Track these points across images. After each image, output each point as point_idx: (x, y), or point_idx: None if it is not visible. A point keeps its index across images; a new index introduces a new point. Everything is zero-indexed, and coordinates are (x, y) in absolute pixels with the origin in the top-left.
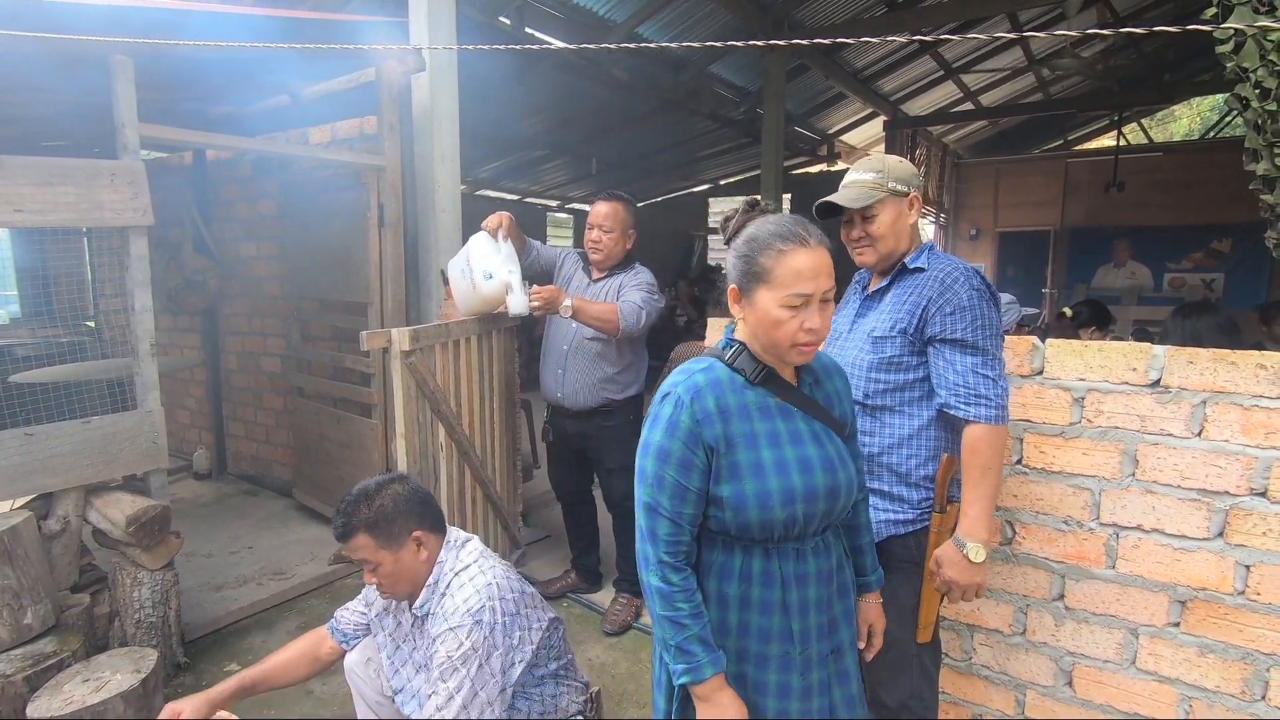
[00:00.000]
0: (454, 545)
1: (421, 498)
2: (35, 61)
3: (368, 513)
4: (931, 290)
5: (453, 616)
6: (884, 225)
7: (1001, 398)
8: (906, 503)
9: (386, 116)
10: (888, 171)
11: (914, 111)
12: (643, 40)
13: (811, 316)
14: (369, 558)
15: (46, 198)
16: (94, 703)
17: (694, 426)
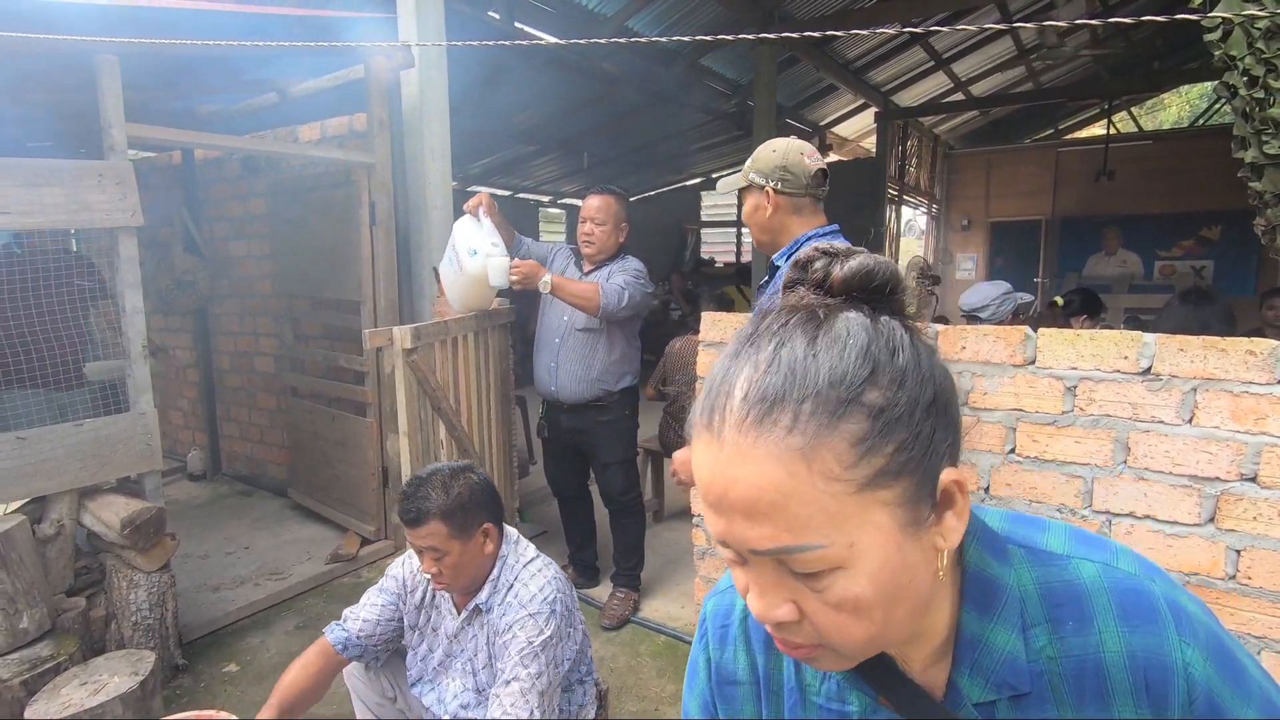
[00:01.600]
0: (511, 541)
1: (491, 489)
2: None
3: (444, 499)
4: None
5: (531, 604)
6: (745, 214)
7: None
8: None
9: (376, 113)
10: (754, 161)
11: (905, 102)
12: (633, 33)
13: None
14: (438, 545)
15: (33, 199)
16: (92, 706)
17: (709, 688)
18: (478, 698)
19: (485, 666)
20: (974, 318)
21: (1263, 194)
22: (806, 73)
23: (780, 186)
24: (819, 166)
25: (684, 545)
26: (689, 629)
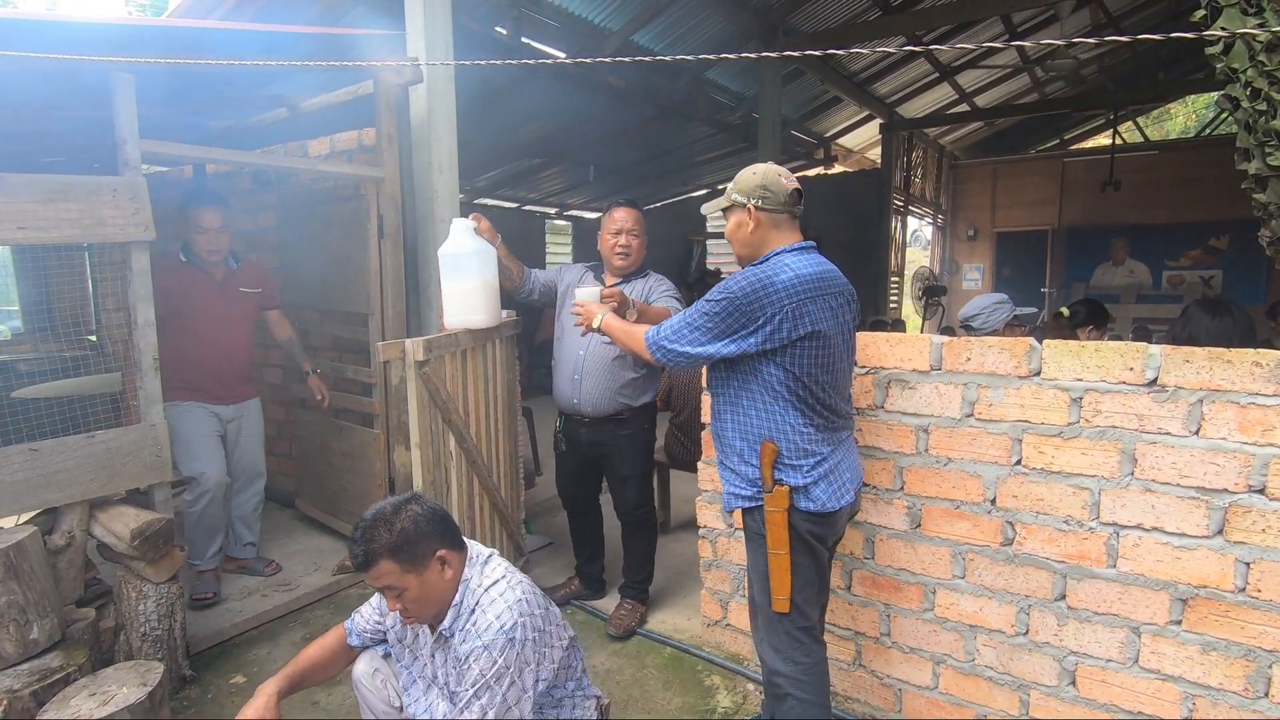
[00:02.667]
0: (477, 561)
1: (440, 515)
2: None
3: (389, 537)
4: None
5: (485, 633)
6: (729, 232)
7: (664, 338)
8: (745, 479)
9: (384, 128)
10: (736, 183)
11: (910, 114)
12: (639, 47)
13: None
14: (394, 583)
15: (49, 214)
16: (101, 717)
17: None
18: None
19: (458, 689)
20: (968, 327)
21: (1267, 205)
22: (811, 85)
23: (761, 204)
24: (794, 186)
25: (690, 557)
26: (696, 641)
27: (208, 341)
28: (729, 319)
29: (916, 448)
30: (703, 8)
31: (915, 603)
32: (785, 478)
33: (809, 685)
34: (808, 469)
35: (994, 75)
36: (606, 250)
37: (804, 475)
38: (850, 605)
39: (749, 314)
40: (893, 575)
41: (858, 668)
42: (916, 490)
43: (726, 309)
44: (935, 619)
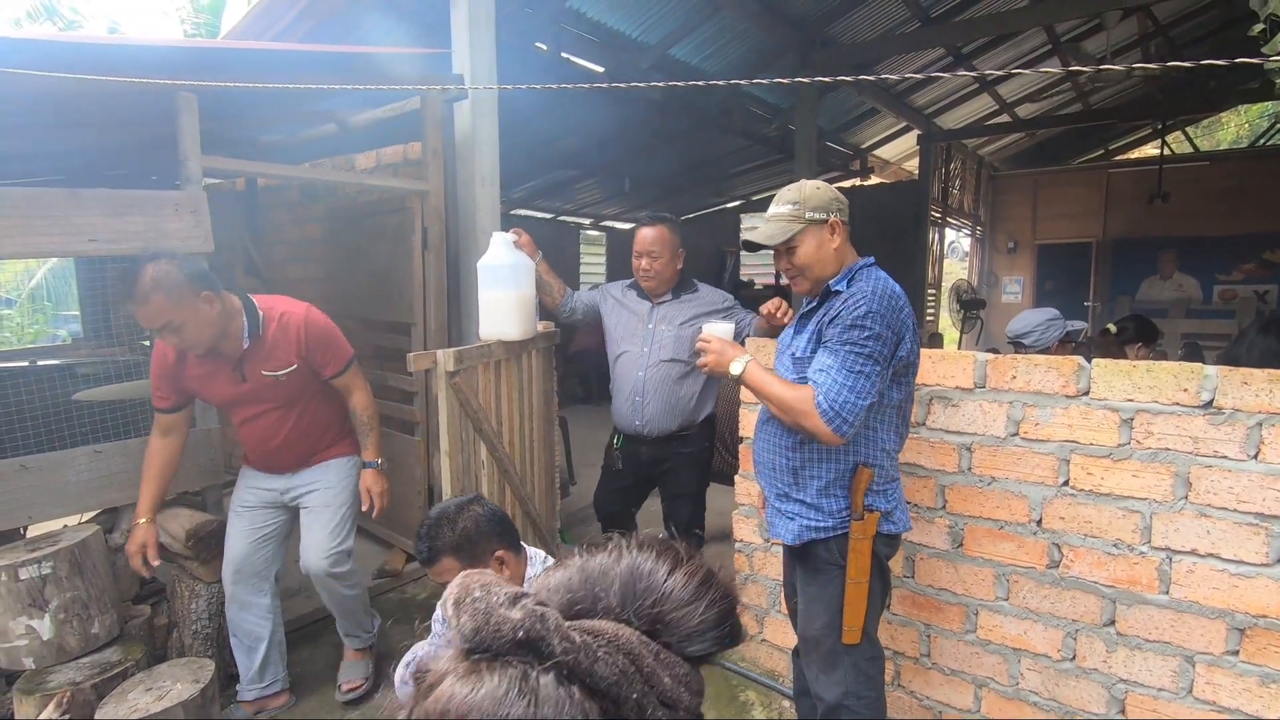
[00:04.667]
0: (536, 560)
1: (500, 517)
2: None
3: (451, 535)
4: (833, 314)
5: None
6: (807, 255)
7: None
8: (825, 511)
9: (430, 143)
10: (804, 201)
11: (949, 125)
12: (676, 61)
13: None
14: None
15: (117, 227)
16: (157, 711)
17: None
18: None
19: None
20: (1019, 344)
21: None
22: (848, 97)
23: (841, 216)
24: None
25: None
26: (729, 655)
27: (249, 428)
28: (885, 347)
29: (959, 466)
30: (740, 21)
31: (957, 624)
32: (875, 503)
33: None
34: (891, 492)
35: (1036, 85)
36: (635, 272)
37: (888, 499)
38: (889, 624)
39: (896, 336)
40: (933, 595)
41: (896, 688)
42: (959, 509)
43: (884, 338)
44: (978, 641)
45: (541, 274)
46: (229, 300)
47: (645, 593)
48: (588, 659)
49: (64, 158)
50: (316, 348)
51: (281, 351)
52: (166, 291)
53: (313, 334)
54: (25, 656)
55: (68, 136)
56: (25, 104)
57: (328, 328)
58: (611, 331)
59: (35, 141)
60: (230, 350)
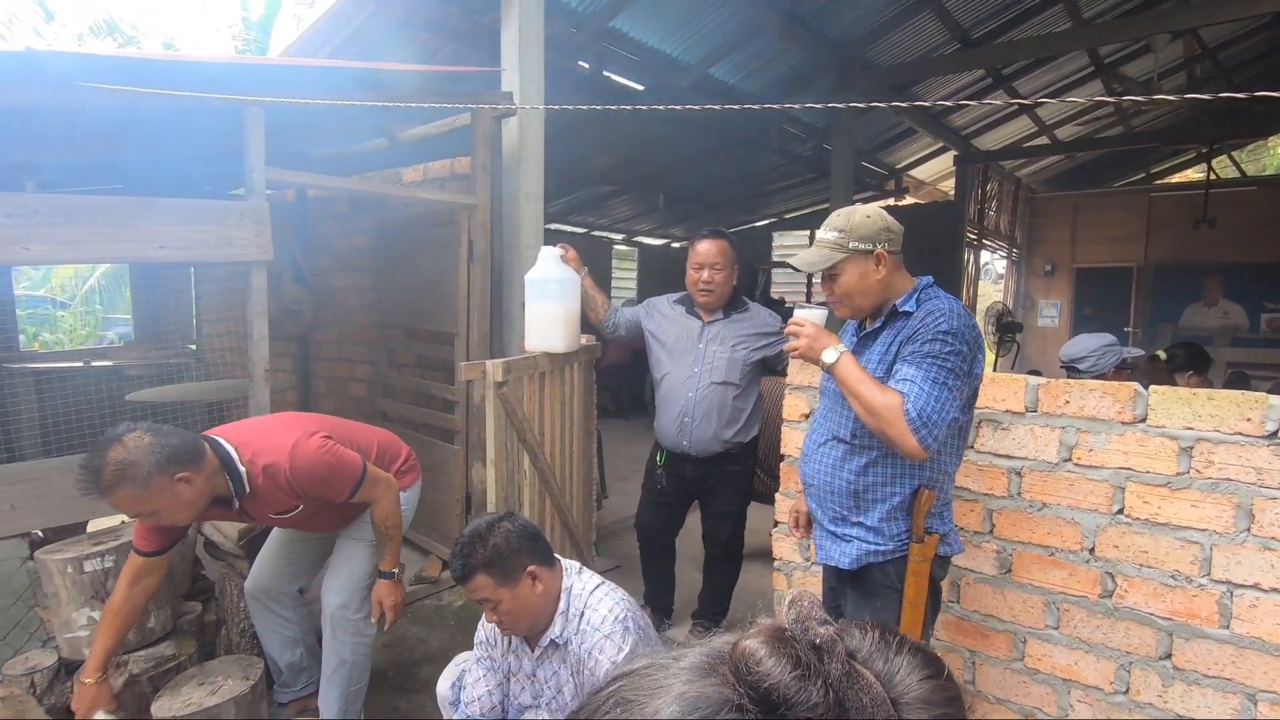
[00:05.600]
0: (572, 571)
1: (531, 533)
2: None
3: (484, 553)
4: (909, 332)
5: (603, 626)
6: (848, 284)
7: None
8: (885, 535)
9: (479, 158)
10: (851, 230)
11: (986, 146)
12: (715, 80)
13: None
14: (489, 596)
15: (186, 235)
16: (210, 705)
17: None
18: None
19: (572, 699)
20: (1072, 369)
21: None
22: (884, 117)
23: (889, 247)
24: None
25: (759, 589)
26: None
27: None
28: (965, 364)
29: (1008, 490)
30: (779, 42)
31: (1003, 651)
32: (933, 525)
33: None
34: (947, 515)
35: (1077, 108)
36: (690, 285)
37: (945, 522)
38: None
39: (972, 355)
40: (979, 621)
41: None
42: (1007, 534)
43: (964, 355)
44: (1025, 670)
45: (586, 288)
46: (209, 464)
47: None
48: (853, 690)
49: (111, 168)
50: (313, 489)
51: (278, 500)
52: (133, 482)
53: (303, 480)
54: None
55: (122, 148)
56: (93, 116)
57: (319, 465)
58: (658, 348)
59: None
60: (223, 499)
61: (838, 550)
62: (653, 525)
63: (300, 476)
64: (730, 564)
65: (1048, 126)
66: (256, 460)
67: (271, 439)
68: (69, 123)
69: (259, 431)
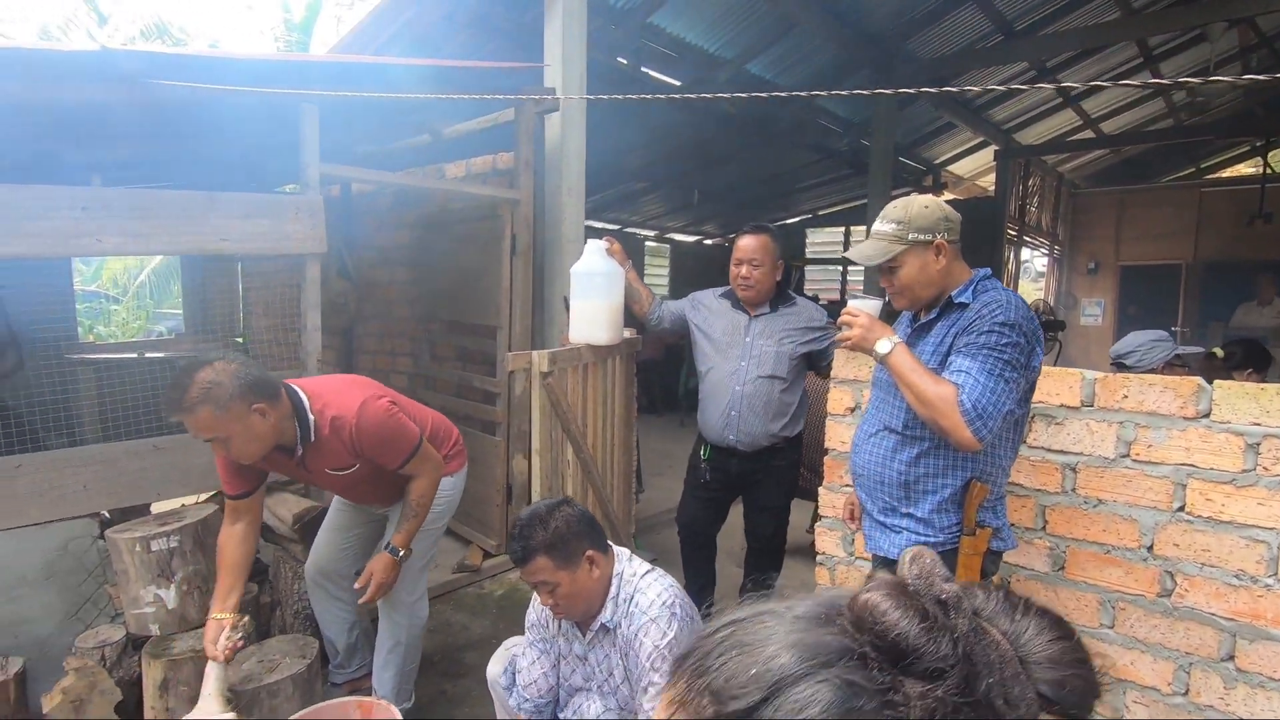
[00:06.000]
0: (623, 558)
1: (589, 519)
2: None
3: (545, 536)
4: (965, 324)
5: (650, 609)
6: (908, 276)
7: (982, 404)
8: (936, 527)
9: (523, 153)
10: (910, 221)
11: (1028, 140)
12: (751, 76)
13: None
14: (548, 579)
15: (247, 229)
16: (269, 681)
17: None
18: (619, 713)
19: (623, 682)
20: (1121, 365)
21: None
22: (924, 111)
23: (949, 236)
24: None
25: (797, 584)
26: None
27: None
28: (1023, 356)
29: (1062, 486)
30: (817, 35)
31: None
32: (986, 519)
33: None
34: (1000, 509)
35: (1124, 100)
36: (732, 280)
37: (998, 516)
38: None
39: (1030, 347)
40: None
41: None
42: (1061, 531)
43: (1021, 347)
44: None
45: (630, 282)
46: (283, 405)
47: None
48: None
49: (159, 165)
50: (372, 450)
51: (337, 455)
52: (214, 403)
53: (365, 438)
54: (152, 623)
55: (173, 145)
56: (149, 113)
57: (382, 428)
58: (704, 341)
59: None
60: (289, 445)
61: (887, 541)
62: (696, 519)
63: (363, 435)
64: (773, 557)
65: (1093, 120)
66: (325, 411)
67: (342, 395)
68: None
69: (330, 386)
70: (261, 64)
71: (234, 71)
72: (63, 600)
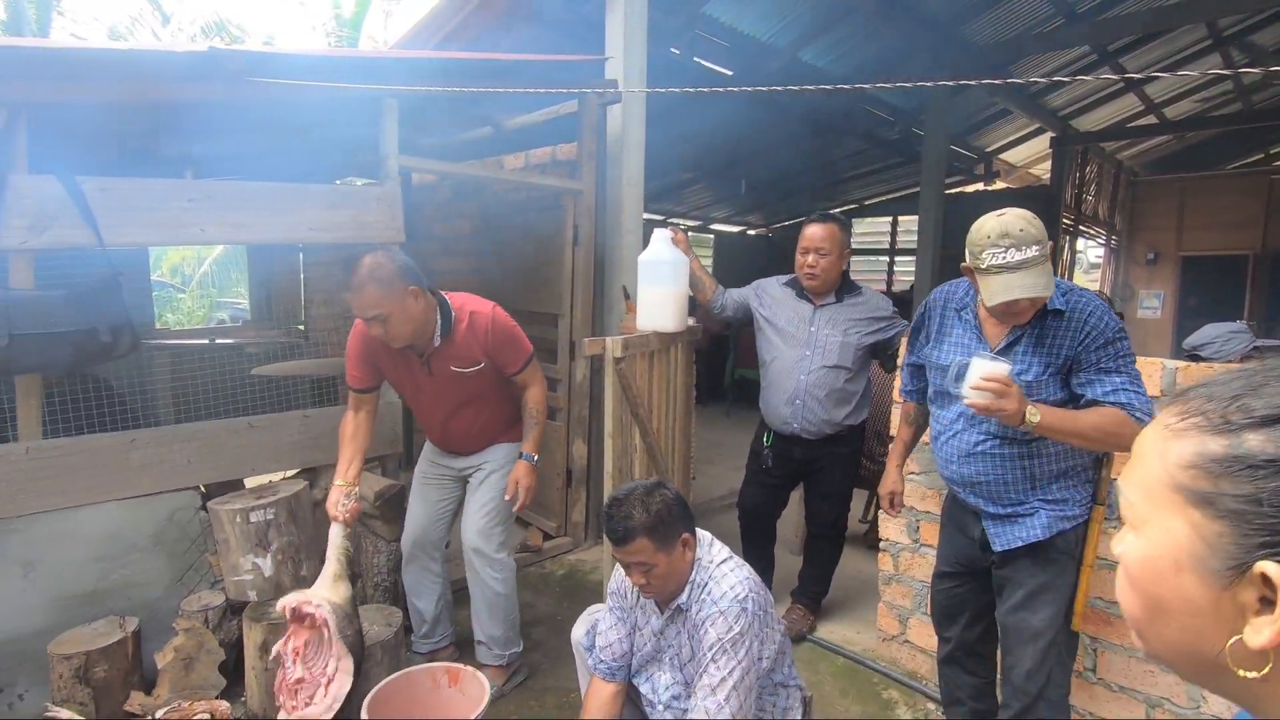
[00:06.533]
0: (704, 542)
1: (683, 501)
2: (308, 105)
3: (645, 517)
4: (1079, 332)
5: (721, 601)
6: (1047, 284)
7: (1149, 406)
8: (1071, 502)
9: (586, 145)
10: (1043, 238)
11: (1086, 127)
12: (804, 64)
13: None
14: (646, 560)
15: (329, 219)
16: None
17: None
18: (685, 689)
19: (690, 660)
20: (1195, 358)
21: None
22: (978, 98)
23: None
24: None
25: (852, 573)
26: (869, 653)
27: (429, 414)
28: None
29: None
30: (872, 22)
31: (1130, 639)
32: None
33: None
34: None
35: (1189, 84)
36: (797, 269)
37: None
38: None
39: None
40: (1103, 608)
41: None
42: None
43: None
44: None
45: (694, 270)
46: (431, 299)
47: None
48: None
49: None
50: (501, 347)
51: (469, 350)
52: (379, 282)
53: (498, 334)
54: (250, 590)
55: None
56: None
57: (512, 327)
58: (769, 329)
59: (227, 144)
60: (422, 345)
61: (1023, 530)
62: (756, 505)
63: (497, 329)
64: (833, 545)
65: (1155, 105)
66: (465, 307)
67: (476, 300)
68: (216, 116)
69: (464, 296)
70: (347, 60)
71: (325, 68)
72: (169, 566)
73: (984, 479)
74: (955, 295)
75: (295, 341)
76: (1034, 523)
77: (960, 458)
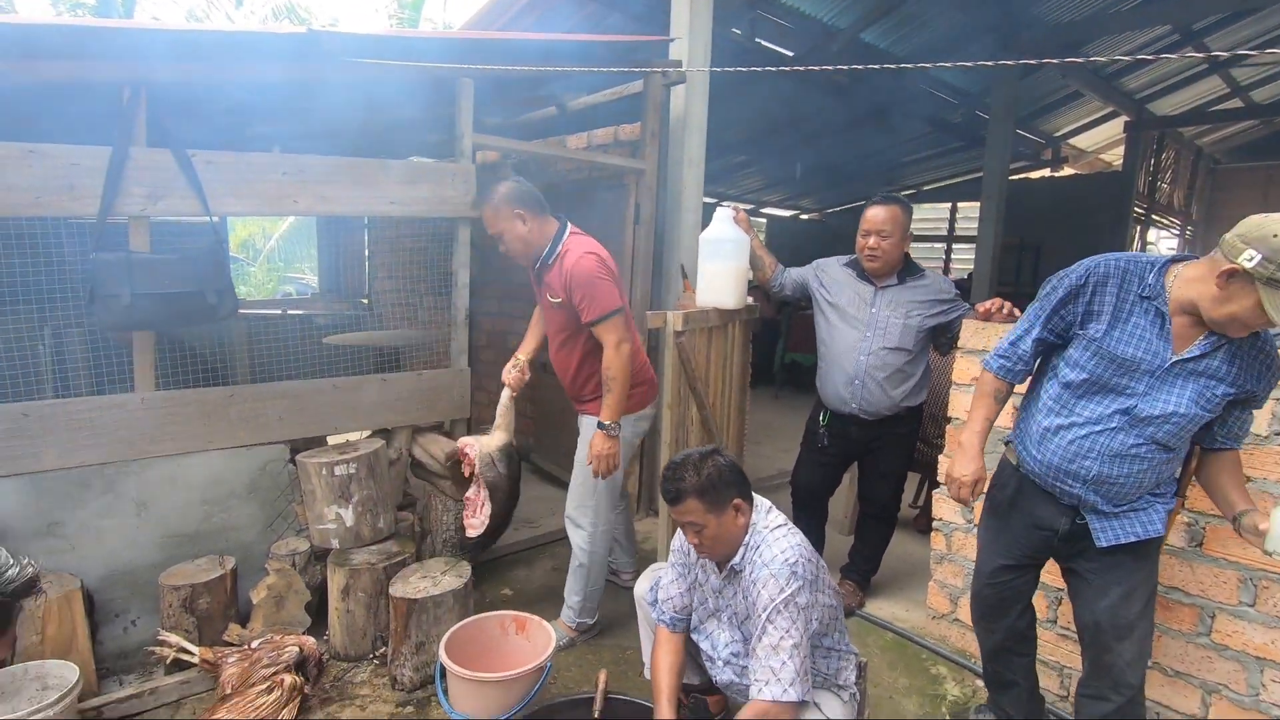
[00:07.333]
0: (760, 508)
1: (738, 468)
2: (389, 84)
3: (697, 480)
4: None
5: (773, 564)
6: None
7: None
8: (1169, 494)
9: (650, 125)
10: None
11: (1163, 110)
12: (865, 45)
13: None
14: (696, 520)
15: (410, 193)
16: (436, 594)
17: None
18: (744, 646)
19: (746, 619)
20: None
21: None
22: (1048, 80)
23: None
24: None
25: (901, 553)
26: (918, 630)
27: (549, 340)
28: None
29: None
30: (936, 2)
31: (1187, 625)
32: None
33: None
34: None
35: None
36: (859, 250)
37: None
38: None
39: None
40: (1162, 594)
41: None
42: (1199, 507)
43: None
44: (1211, 645)
45: (755, 248)
46: (545, 224)
47: None
48: None
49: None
50: (575, 289)
51: (557, 281)
52: (491, 205)
53: (574, 277)
54: (333, 538)
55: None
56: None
57: (590, 275)
58: (829, 309)
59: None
60: (533, 266)
61: (1137, 525)
62: (811, 483)
63: (575, 272)
64: (886, 525)
65: (1242, 88)
66: (567, 246)
67: (586, 242)
68: (302, 94)
69: (582, 238)
70: (432, 41)
71: (410, 49)
72: (262, 513)
73: (1123, 479)
74: (1143, 278)
75: (359, 314)
76: (1150, 517)
77: (1106, 457)
